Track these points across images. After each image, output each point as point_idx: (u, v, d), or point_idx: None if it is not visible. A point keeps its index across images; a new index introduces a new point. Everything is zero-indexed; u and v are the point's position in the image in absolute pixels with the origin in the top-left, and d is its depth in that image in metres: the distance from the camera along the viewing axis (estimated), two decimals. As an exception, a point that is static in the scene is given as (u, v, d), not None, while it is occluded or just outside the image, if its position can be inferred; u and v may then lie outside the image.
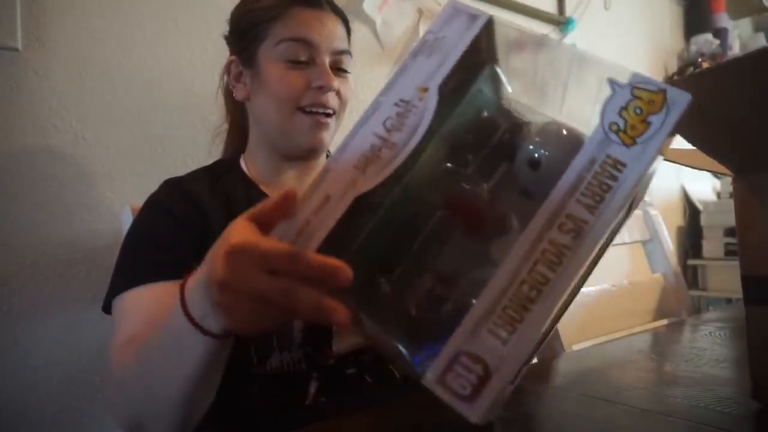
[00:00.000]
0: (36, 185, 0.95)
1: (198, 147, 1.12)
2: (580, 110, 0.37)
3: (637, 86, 0.34)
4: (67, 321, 0.96)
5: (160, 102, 1.08)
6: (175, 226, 0.67)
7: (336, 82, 0.72)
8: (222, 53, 0.81)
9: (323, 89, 0.71)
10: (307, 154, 0.74)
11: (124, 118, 1.04)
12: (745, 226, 0.47)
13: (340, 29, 0.74)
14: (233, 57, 0.77)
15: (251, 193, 0.74)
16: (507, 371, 0.29)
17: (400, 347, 0.34)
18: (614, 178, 0.32)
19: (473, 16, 0.38)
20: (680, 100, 0.32)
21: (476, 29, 0.38)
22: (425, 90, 0.36)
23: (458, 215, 0.37)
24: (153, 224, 0.68)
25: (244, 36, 0.75)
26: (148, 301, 0.59)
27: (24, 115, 0.94)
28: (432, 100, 0.36)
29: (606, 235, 0.32)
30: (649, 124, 0.32)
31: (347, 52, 0.75)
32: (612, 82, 0.34)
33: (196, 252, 0.60)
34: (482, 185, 0.38)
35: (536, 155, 0.37)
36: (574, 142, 0.35)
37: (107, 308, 0.65)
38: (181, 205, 0.68)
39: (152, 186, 0.74)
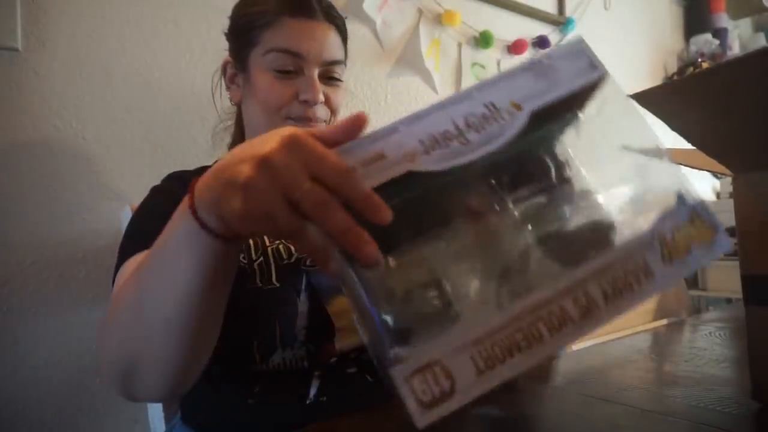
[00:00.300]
0: (36, 185, 0.95)
1: (198, 147, 1.12)
2: (616, 183, 0.40)
3: (696, 213, 0.35)
4: (67, 321, 0.96)
5: (159, 102, 1.08)
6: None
7: (322, 95, 0.71)
8: (222, 53, 0.81)
9: (309, 103, 0.71)
10: None
11: (124, 118, 1.04)
12: (745, 226, 0.47)
13: (332, 38, 0.74)
14: (229, 58, 0.78)
15: None
16: (469, 396, 0.30)
17: (380, 328, 0.34)
18: (639, 283, 0.33)
19: (593, 66, 0.39)
20: (725, 244, 0.34)
21: (590, 79, 0.38)
22: (519, 108, 0.36)
23: (479, 231, 0.38)
24: (157, 204, 0.68)
25: (239, 39, 0.75)
26: None
27: (24, 115, 0.94)
28: (521, 120, 0.36)
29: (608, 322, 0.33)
30: (690, 252, 0.34)
31: (340, 62, 0.75)
32: (680, 197, 0.36)
33: None
34: (513, 214, 0.39)
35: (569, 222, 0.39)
36: (603, 235, 0.38)
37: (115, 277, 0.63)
38: (184, 194, 0.68)
39: (152, 186, 0.74)
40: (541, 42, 1.84)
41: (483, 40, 1.68)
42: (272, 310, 0.64)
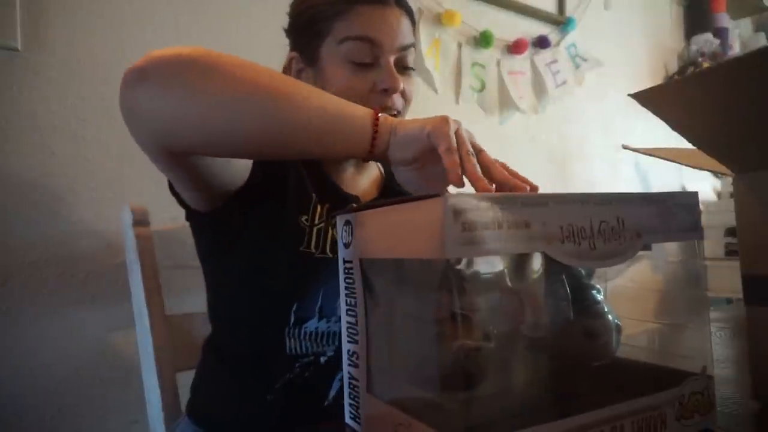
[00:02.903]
0: (35, 185, 0.95)
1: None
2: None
3: (708, 386, 0.41)
4: (67, 321, 0.96)
5: (160, 102, 1.08)
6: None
7: (401, 83, 0.70)
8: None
9: (388, 92, 0.69)
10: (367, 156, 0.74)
11: (124, 118, 1.04)
12: (745, 226, 0.47)
13: (405, 23, 0.72)
14: (294, 53, 0.74)
15: (319, 173, 0.73)
16: None
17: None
18: (656, 430, 0.38)
19: (697, 226, 0.42)
20: (713, 421, 0.41)
21: (689, 237, 0.42)
22: (639, 236, 0.38)
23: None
24: None
25: (305, 32, 0.72)
26: None
27: (24, 115, 0.94)
28: (637, 248, 0.38)
29: None
30: (693, 417, 0.40)
31: (412, 45, 0.73)
32: (704, 368, 0.42)
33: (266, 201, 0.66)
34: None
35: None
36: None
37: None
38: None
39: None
40: (541, 42, 1.84)
41: (483, 40, 1.68)
42: (318, 278, 0.66)
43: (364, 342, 0.41)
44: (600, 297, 0.46)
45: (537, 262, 0.41)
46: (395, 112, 0.70)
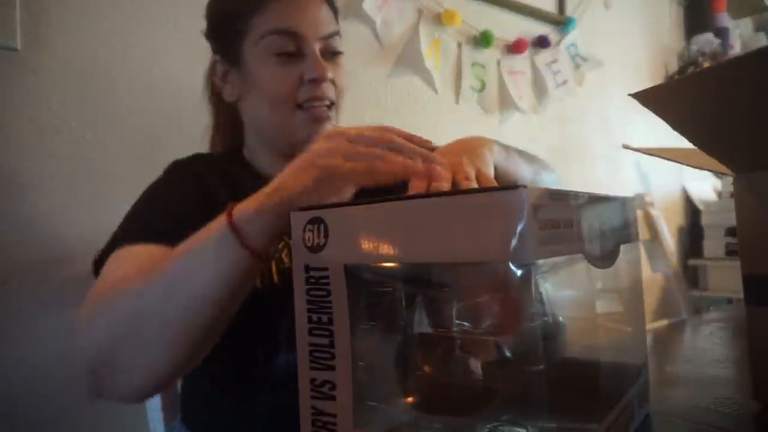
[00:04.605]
0: (35, 185, 0.95)
1: (198, 147, 1.11)
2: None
3: None
4: (67, 321, 0.96)
5: (160, 102, 1.08)
6: (185, 197, 0.65)
7: (329, 72, 0.68)
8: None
9: (317, 81, 0.67)
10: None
11: (124, 118, 1.04)
12: (745, 226, 0.47)
13: (325, 11, 0.70)
14: (216, 56, 0.72)
15: (261, 184, 0.71)
16: None
17: None
18: None
19: None
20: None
21: None
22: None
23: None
24: (170, 187, 0.66)
25: (224, 33, 0.70)
26: (156, 255, 0.54)
27: (23, 115, 0.94)
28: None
29: None
30: None
31: (336, 33, 0.70)
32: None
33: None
34: None
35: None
36: None
37: (98, 265, 0.61)
38: (191, 182, 0.67)
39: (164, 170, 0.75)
40: (542, 41, 1.83)
41: (483, 40, 1.68)
42: (275, 311, 0.62)
43: (346, 366, 0.34)
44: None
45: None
46: (327, 103, 0.68)
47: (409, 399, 0.36)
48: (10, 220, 0.92)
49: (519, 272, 0.28)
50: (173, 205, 0.64)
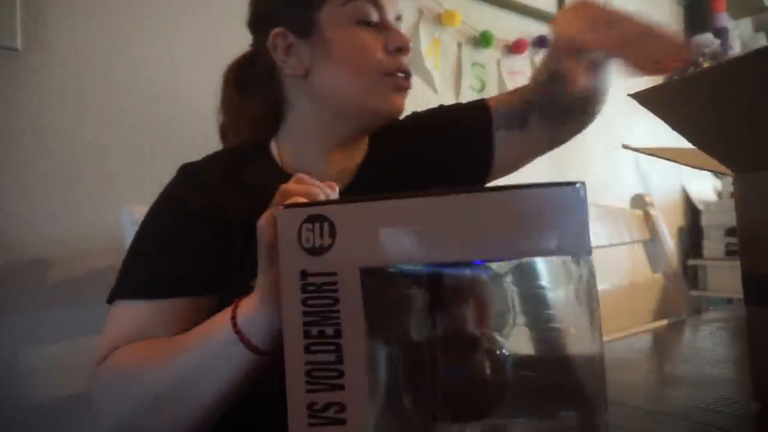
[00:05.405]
0: (35, 185, 0.95)
1: (198, 147, 1.11)
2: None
3: None
4: (67, 321, 0.96)
5: (159, 102, 1.08)
6: (191, 226, 0.62)
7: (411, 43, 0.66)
8: (221, 53, 0.80)
9: (402, 51, 0.65)
10: (383, 121, 0.69)
11: (124, 118, 1.04)
12: (745, 226, 0.47)
13: None
14: (279, 29, 0.67)
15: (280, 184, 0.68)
16: None
17: None
18: None
19: None
20: None
21: None
22: None
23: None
24: (167, 223, 0.63)
25: (295, 2, 0.67)
26: (154, 321, 0.58)
27: (24, 115, 0.94)
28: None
29: None
30: None
31: (401, 18, 0.70)
32: None
33: (213, 251, 0.60)
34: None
35: None
36: None
37: (110, 301, 0.63)
38: (199, 198, 0.63)
39: (152, 186, 0.73)
40: (541, 41, 1.83)
41: (483, 40, 1.68)
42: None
43: (361, 384, 0.30)
44: None
45: None
46: (409, 73, 0.67)
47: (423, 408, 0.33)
48: (10, 220, 0.92)
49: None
50: (176, 244, 0.62)
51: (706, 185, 2.41)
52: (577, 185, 0.28)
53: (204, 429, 0.52)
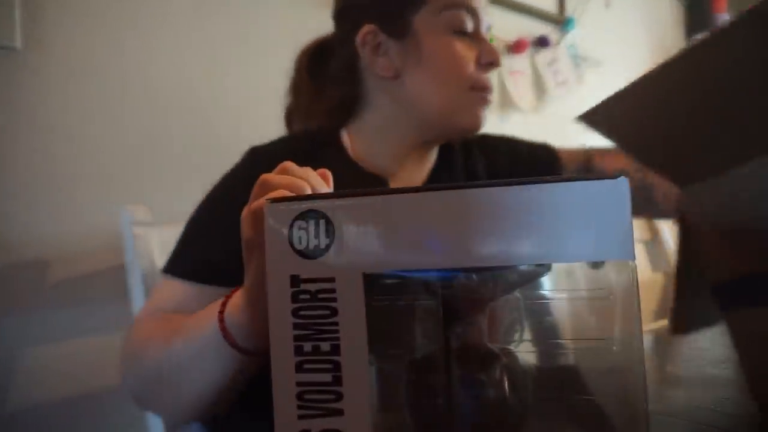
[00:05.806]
0: (35, 185, 0.95)
1: (198, 147, 1.12)
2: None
3: None
4: (67, 321, 0.96)
5: (159, 102, 1.08)
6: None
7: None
8: (220, 53, 0.80)
9: (493, 66, 0.65)
10: (464, 135, 0.70)
11: (124, 118, 1.04)
12: (700, 239, 0.45)
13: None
14: (371, 26, 0.65)
15: (355, 174, 0.66)
16: None
17: None
18: None
19: None
20: None
21: None
22: None
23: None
24: (224, 205, 0.61)
25: (391, 2, 0.65)
26: (192, 301, 0.57)
27: (23, 115, 0.94)
28: None
29: None
30: None
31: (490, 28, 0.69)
32: None
33: None
34: None
35: None
36: None
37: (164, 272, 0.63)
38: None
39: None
40: (542, 41, 1.83)
41: (483, 39, 1.67)
42: None
43: (362, 409, 0.26)
44: None
45: None
46: (491, 90, 0.67)
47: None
48: (10, 220, 0.92)
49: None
50: (228, 229, 0.59)
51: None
52: (620, 178, 0.24)
53: (204, 414, 0.52)
